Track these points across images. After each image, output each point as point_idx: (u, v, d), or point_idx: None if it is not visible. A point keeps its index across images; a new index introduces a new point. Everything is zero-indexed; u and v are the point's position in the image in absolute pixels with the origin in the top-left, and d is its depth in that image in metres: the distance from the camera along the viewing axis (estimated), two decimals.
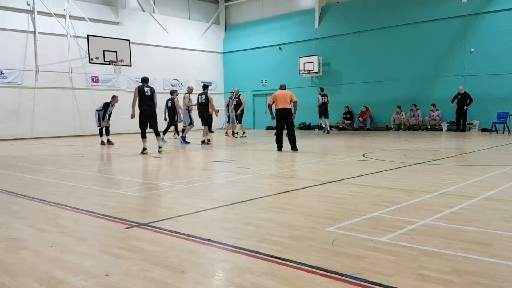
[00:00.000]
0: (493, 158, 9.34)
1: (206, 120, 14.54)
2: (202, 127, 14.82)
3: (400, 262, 3.01)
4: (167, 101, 16.54)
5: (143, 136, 11.47)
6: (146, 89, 11.34)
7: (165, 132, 16.14)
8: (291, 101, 11.31)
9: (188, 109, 15.38)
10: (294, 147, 11.25)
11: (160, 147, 11.72)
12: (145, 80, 11.59)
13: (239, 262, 3.11)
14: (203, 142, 14.55)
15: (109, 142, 15.24)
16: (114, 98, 15.03)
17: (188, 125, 15.44)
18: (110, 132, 15.36)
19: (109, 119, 14.93)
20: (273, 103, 11.42)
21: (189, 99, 15.46)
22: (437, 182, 6.20)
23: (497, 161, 8.63)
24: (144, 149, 11.44)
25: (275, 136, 11.70)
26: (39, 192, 6.19)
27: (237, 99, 18.10)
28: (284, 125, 11.48)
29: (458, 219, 4.11)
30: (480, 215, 4.29)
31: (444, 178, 6.64)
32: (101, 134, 15.29)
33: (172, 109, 16.33)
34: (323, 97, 19.69)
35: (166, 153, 11.62)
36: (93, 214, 4.73)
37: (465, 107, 18.15)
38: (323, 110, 19.67)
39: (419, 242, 3.41)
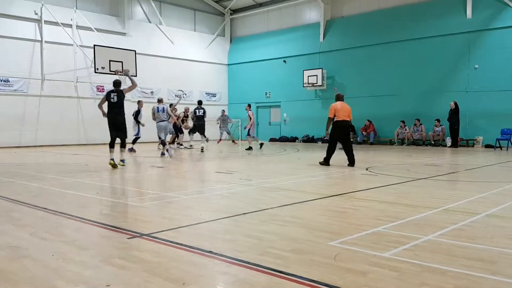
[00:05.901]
0: (497, 175, 9.31)
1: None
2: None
3: (403, 278, 2.98)
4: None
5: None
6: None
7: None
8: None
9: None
10: (353, 162, 10.46)
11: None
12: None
13: (240, 275, 3.10)
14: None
15: (132, 149, 15.71)
16: (140, 103, 16.52)
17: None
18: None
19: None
20: (334, 116, 10.53)
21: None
22: (441, 198, 6.18)
23: (500, 178, 8.60)
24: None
25: (328, 149, 10.68)
26: (42, 200, 6.19)
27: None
28: (341, 139, 10.67)
29: (461, 236, 4.09)
30: (484, 232, 4.27)
31: (447, 194, 6.61)
32: (134, 142, 16.07)
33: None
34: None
35: (169, 163, 11.62)
36: (95, 223, 4.73)
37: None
38: None
39: (422, 258, 3.39)
